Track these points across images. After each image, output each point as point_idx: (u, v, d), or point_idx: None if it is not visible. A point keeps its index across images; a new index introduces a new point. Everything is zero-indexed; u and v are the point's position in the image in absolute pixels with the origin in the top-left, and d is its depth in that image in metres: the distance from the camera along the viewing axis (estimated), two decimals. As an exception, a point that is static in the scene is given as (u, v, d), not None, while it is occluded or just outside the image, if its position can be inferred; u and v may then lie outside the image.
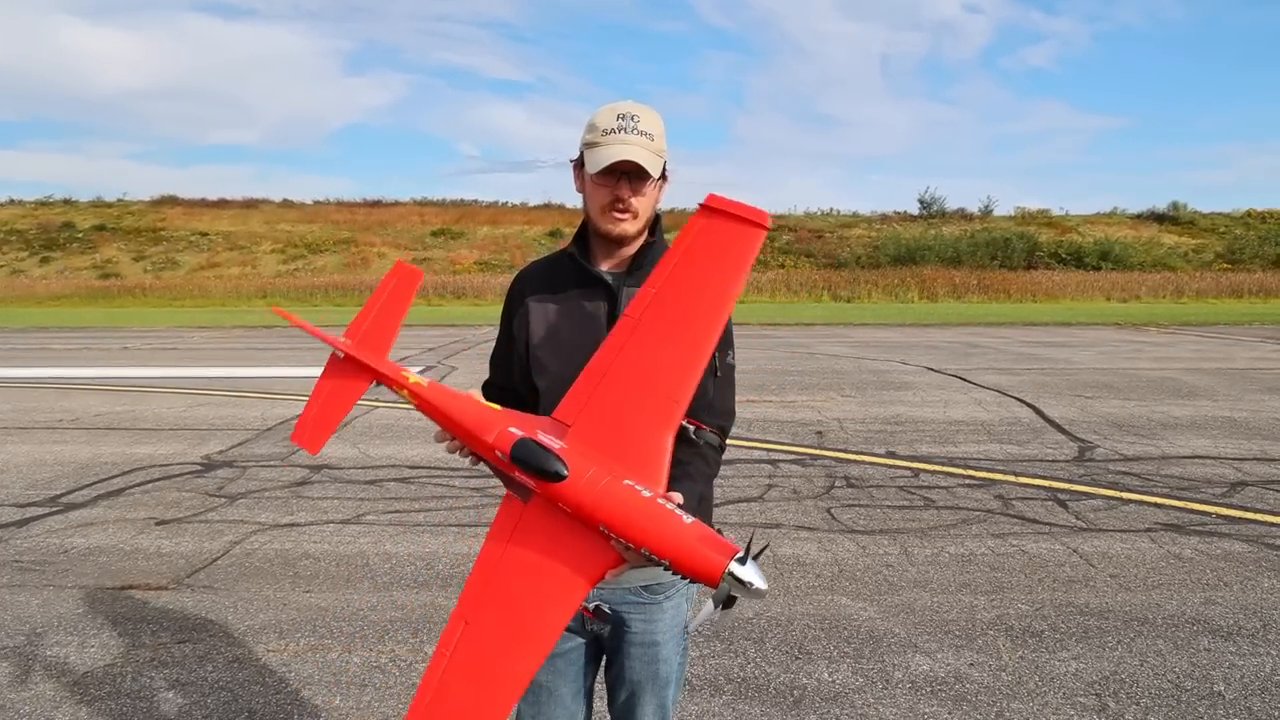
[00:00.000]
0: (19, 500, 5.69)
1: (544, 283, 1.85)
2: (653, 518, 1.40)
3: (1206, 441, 7.22)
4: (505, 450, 1.52)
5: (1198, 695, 3.10)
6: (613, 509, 1.42)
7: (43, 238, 44.13)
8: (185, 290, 35.25)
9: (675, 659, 1.90)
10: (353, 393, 1.91)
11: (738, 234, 1.62)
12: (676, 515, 1.40)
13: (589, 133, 1.72)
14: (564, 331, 1.79)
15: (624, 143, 1.68)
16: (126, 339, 18.70)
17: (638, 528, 1.39)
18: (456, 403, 1.66)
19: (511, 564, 1.52)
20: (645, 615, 1.83)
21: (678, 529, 1.38)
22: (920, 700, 3.07)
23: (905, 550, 4.64)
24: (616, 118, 1.70)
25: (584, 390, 1.60)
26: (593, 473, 1.46)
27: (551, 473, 1.46)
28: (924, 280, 33.35)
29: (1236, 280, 33.04)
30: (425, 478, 6.20)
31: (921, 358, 13.58)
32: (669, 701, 1.93)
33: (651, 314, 1.61)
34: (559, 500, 1.47)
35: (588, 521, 1.45)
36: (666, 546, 1.38)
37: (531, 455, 1.48)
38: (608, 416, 1.55)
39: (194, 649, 3.50)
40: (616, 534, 1.41)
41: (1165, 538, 4.80)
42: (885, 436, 7.54)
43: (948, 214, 46.97)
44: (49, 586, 4.18)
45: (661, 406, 1.54)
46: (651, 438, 1.52)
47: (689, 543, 1.37)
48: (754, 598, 1.36)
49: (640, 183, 1.73)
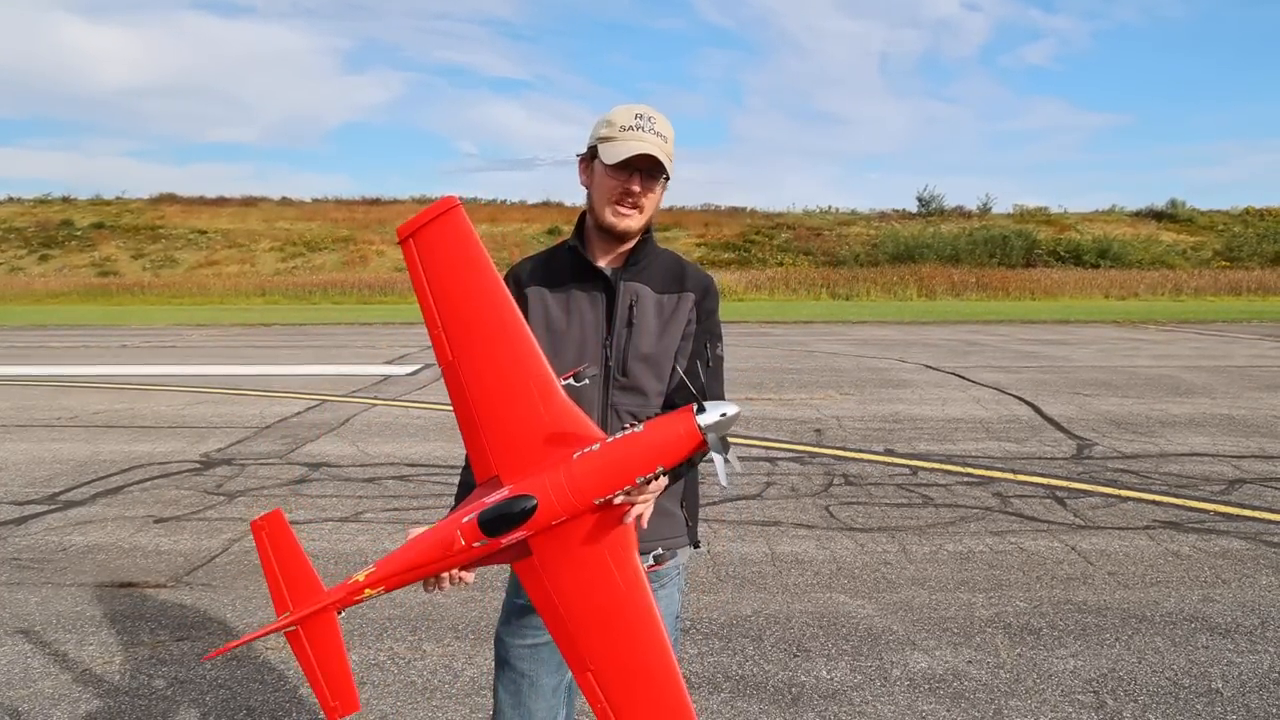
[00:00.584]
0: (17, 498, 5.69)
1: (543, 274, 1.88)
2: (617, 457, 1.49)
3: (1205, 439, 7.23)
4: (477, 534, 1.55)
5: (1196, 692, 3.10)
6: (589, 483, 1.50)
7: (41, 235, 44.05)
8: (184, 288, 35.19)
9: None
10: (331, 638, 1.72)
11: (444, 229, 1.64)
12: (629, 435, 1.51)
13: (605, 128, 1.77)
14: (561, 322, 1.82)
15: (642, 140, 1.73)
16: (125, 337, 18.68)
17: (615, 474, 1.49)
18: (410, 554, 1.62)
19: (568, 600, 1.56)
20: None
21: (639, 442, 1.49)
22: (918, 698, 3.08)
23: (903, 548, 4.64)
24: (635, 116, 1.75)
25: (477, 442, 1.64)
26: (548, 478, 1.53)
27: (524, 511, 1.52)
28: (922, 278, 33.33)
29: (1235, 278, 33.03)
30: (424, 475, 6.20)
31: (920, 355, 13.58)
32: None
33: (452, 340, 1.64)
34: (550, 521, 1.53)
35: (582, 508, 1.51)
36: (645, 460, 1.48)
37: (498, 515, 1.53)
38: (508, 437, 1.60)
39: (193, 646, 3.50)
40: (610, 492, 1.49)
41: (1163, 535, 4.81)
42: (884, 434, 7.54)
43: (946, 212, 46.95)
44: (48, 584, 4.18)
45: (525, 390, 1.59)
46: (549, 411, 1.58)
47: (656, 442, 1.48)
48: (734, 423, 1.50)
49: (652, 180, 1.78)
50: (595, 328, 1.82)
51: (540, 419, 1.59)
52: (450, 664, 3.33)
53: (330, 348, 15.85)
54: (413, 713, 3.00)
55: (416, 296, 1.66)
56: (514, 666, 1.87)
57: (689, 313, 1.86)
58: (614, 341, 1.81)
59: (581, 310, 1.82)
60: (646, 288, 1.84)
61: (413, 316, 23.56)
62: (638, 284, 1.84)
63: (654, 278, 1.86)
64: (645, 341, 1.81)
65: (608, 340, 1.81)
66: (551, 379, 1.60)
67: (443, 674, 3.26)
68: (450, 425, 7.86)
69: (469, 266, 1.64)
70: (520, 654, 1.86)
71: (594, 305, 1.83)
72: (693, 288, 1.87)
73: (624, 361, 1.80)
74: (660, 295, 1.85)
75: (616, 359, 1.80)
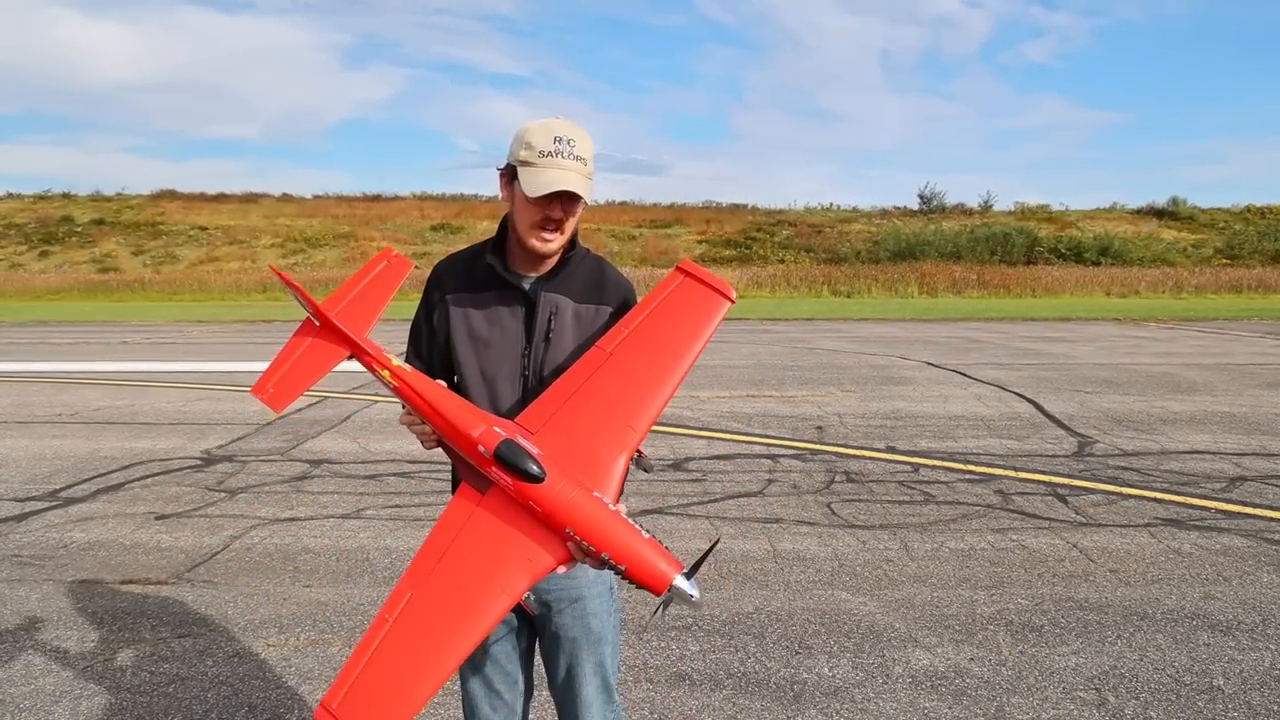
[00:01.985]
0: (18, 495, 5.69)
1: (463, 281, 1.90)
2: (616, 528, 1.57)
3: (1206, 437, 7.23)
4: (490, 447, 1.63)
5: (1197, 690, 3.10)
6: (582, 516, 1.57)
7: (41, 232, 44.01)
8: (184, 284, 35.15)
9: (606, 615, 1.96)
10: (327, 360, 1.90)
11: (708, 298, 1.85)
12: (636, 529, 1.58)
13: (524, 150, 1.74)
14: (482, 333, 1.86)
15: (561, 168, 1.72)
16: (126, 333, 18.68)
17: (602, 535, 1.56)
18: (440, 394, 1.75)
19: (464, 546, 1.62)
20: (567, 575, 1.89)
21: (637, 541, 1.56)
22: (920, 695, 3.08)
23: (905, 545, 4.64)
24: (554, 140, 1.73)
25: (550, 404, 1.74)
26: (565, 481, 1.61)
27: (532, 475, 1.59)
28: (924, 275, 33.27)
29: (1236, 276, 32.96)
30: (425, 472, 6.19)
31: (921, 353, 13.57)
32: (607, 661, 1.98)
33: (623, 350, 1.78)
34: (530, 500, 1.60)
35: (555, 523, 1.59)
36: (625, 555, 1.55)
37: (515, 456, 1.61)
38: (572, 431, 1.70)
39: (194, 644, 3.50)
40: (582, 538, 1.57)
41: (1165, 533, 4.80)
42: (885, 431, 7.54)
43: (947, 209, 46.87)
44: (48, 581, 4.18)
45: (620, 431, 1.71)
46: (609, 456, 1.69)
47: (645, 554, 1.56)
48: (689, 606, 1.59)
49: (573, 205, 1.78)
50: (515, 339, 1.85)
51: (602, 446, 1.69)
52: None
53: (331, 344, 15.84)
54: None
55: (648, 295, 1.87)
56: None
57: (605, 326, 1.88)
58: (532, 353, 1.85)
59: (503, 322, 1.86)
60: (566, 299, 1.86)
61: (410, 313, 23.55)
62: (557, 295, 1.86)
63: (574, 287, 1.88)
64: (560, 354, 1.85)
65: (526, 351, 1.85)
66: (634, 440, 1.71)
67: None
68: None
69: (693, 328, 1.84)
70: None
71: (514, 316, 1.86)
72: (610, 300, 1.90)
73: (540, 373, 1.84)
74: (579, 305, 1.88)
75: (534, 371, 1.85)
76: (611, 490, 1.65)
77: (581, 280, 1.89)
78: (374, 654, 1.53)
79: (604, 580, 1.96)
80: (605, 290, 1.91)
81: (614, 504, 1.62)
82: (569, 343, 1.86)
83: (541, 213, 1.77)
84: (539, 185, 1.72)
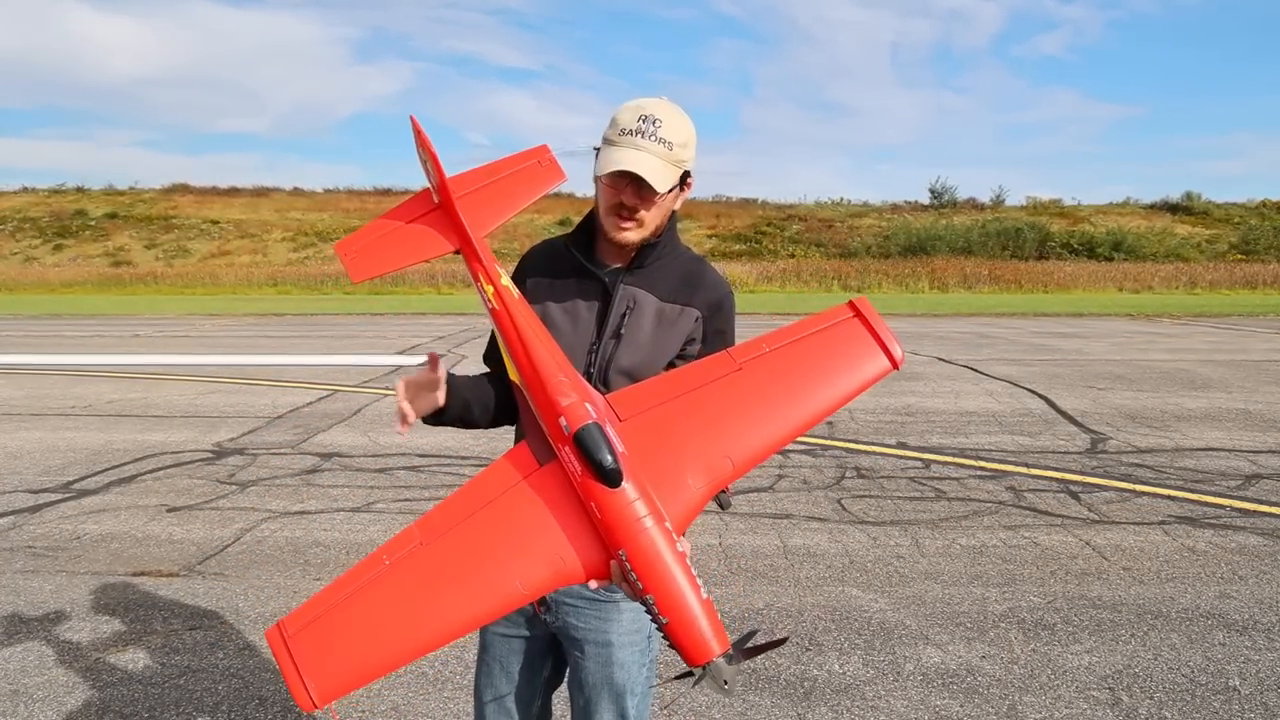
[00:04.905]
0: (32, 486, 5.73)
1: (545, 267, 1.77)
2: (675, 575, 1.33)
3: (1221, 434, 7.16)
4: (573, 425, 1.39)
5: (1212, 690, 3.07)
6: (644, 545, 1.33)
7: (56, 225, 44.33)
8: (196, 278, 35.33)
9: (635, 667, 1.78)
10: (428, 247, 1.64)
11: (868, 351, 1.56)
12: (697, 583, 1.35)
13: (609, 128, 1.61)
14: (556, 322, 1.70)
15: (636, 148, 1.56)
16: (138, 326, 18.79)
17: (657, 577, 1.32)
18: (540, 338, 1.52)
19: (497, 514, 1.40)
20: (599, 613, 1.74)
21: (692, 599, 1.33)
22: (932, 693, 3.06)
23: (916, 542, 4.61)
24: (639, 119, 1.57)
25: (651, 396, 1.51)
26: (640, 497, 1.37)
27: (606, 475, 1.35)
28: (934, 270, 33.12)
29: (1251, 271, 32.67)
30: (435, 466, 6.20)
31: (932, 348, 13.50)
32: (630, 713, 1.79)
33: (754, 369, 1.52)
34: (594, 500, 1.37)
35: (610, 538, 1.36)
36: (674, 608, 1.32)
37: (597, 447, 1.36)
38: (664, 437, 1.45)
39: (205, 636, 3.51)
40: (634, 569, 1.33)
41: (1179, 530, 4.76)
42: (896, 427, 7.50)
43: (958, 204, 46.61)
44: (62, 572, 4.20)
45: (719, 464, 1.45)
46: (695, 484, 1.43)
47: (694, 617, 1.32)
48: (718, 691, 1.33)
49: (646, 193, 1.59)
50: (587, 332, 1.69)
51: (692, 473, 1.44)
52: (461, 655, 3.33)
53: (341, 338, 15.89)
54: (424, 704, 3.00)
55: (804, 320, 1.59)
56: (489, 649, 1.85)
57: (691, 330, 1.70)
58: (600, 350, 1.68)
59: (578, 312, 1.70)
60: (648, 294, 1.69)
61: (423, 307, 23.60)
62: (638, 289, 1.69)
63: (660, 283, 1.70)
64: (630, 355, 1.66)
65: (594, 346, 1.68)
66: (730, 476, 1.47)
67: (454, 665, 3.26)
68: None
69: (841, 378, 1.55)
70: (493, 639, 1.84)
71: (590, 307, 1.70)
72: (700, 303, 1.71)
73: (605, 373, 1.67)
74: (664, 304, 1.69)
75: (599, 370, 1.67)
76: (681, 521, 1.41)
77: (673, 276, 1.71)
78: (355, 593, 1.32)
79: (639, 629, 1.77)
80: (697, 291, 1.71)
81: (680, 540, 1.38)
82: (644, 342, 1.67)
83: (615, 197, 1.61)
84: (603, 164, 1.57)
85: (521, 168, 1.74)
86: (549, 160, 1.77)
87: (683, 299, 1.70)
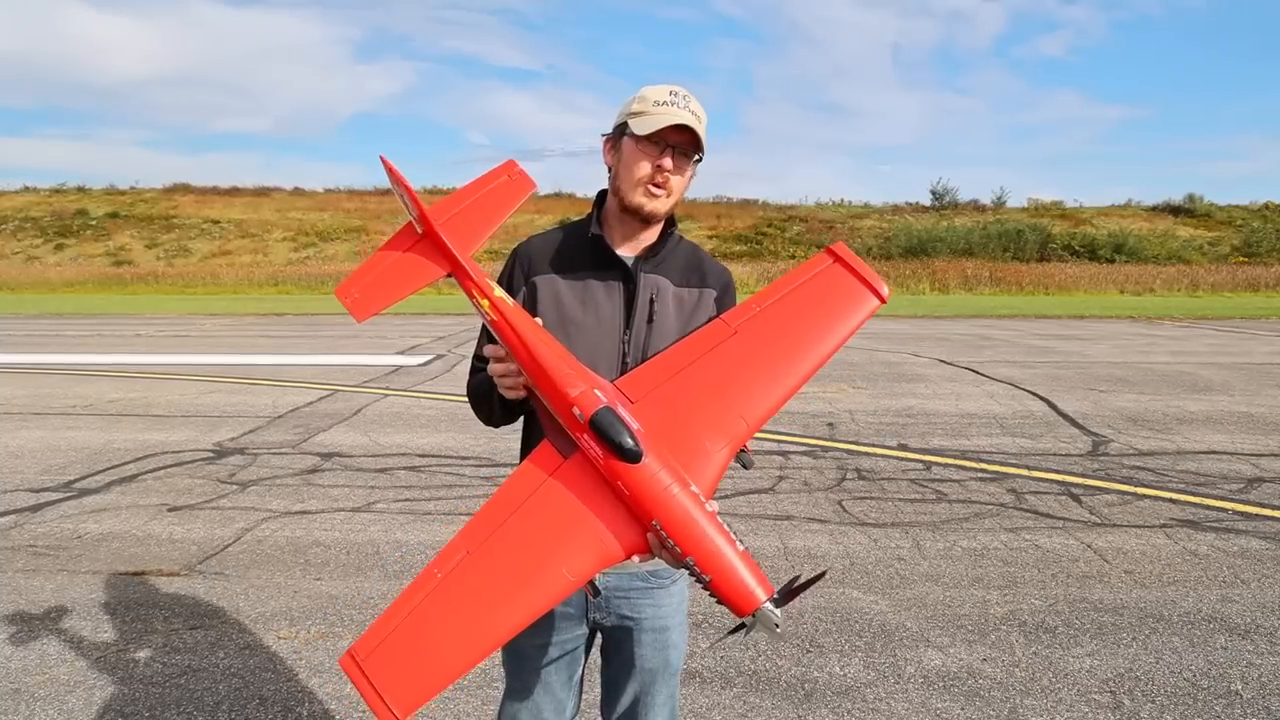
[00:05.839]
0: (33, 485, 5.73)
1: (554, 260, 1.76)
2: (710, 533, 1.40)
3: (1223, 437, 7.15)
4: (586, 412, 1.47)
5: (1214, 694, 3.06)
6: (675, 511, 1.40)
7: (57, 225, 44.34)
8: (197, 277, 35.33)
9: (683, 646, 1.89)
10: (421, 274, 1.72)
11: (855, 292, 1.63)
12: (732, 538, 1.41)
13: (638, 103, 1.68)
14: (575, 315, 1.71)
15: (678, 115, 1.64)
16: (139, 326, 18.80)
17: (694, 538, 1.39)
18: (541, 339, 1.58)
19: (533, 512, 1.46)
20: (654, 600, 1.81)
21: (730, 553, 1.39)
22: (932, 695, 3.05)
23: (917, 544, 4.61)
24: (669, 93, 1.67)
25: (658, 374, 1.57)
26: (663, 467, 1.43)
27: (628, 452, 1.43)
28: (936, 272, 33.09)
29: (1253, 274, 32.61)
30: (435, 466, 6.20)
31: (933, 350, 13.50)
32: (677, 692, 1.92)
33: (750, 330, 1.60)
34: (620, 479, 1.44)
35: (642, 511, 1.42)
36: (715, 565, 1.38)
37: (613, 428, 1.45)
38: (677, 409, 1.52)
39: (205, 635, 3.51)
40: (670, 535, 1.40)
41: (1181, 534, 4.75)
42: (897, 429, 7.49)
43: (960, 205, 46.58)
44: (63, 571, 4.20)
45: (733, 424, 1.51)
46: (714, 446, 1.49)
47: (737, 569, 1.39)
48: (771, 636, 1.42)
49: (684, 160, 1.69)
50: (612, 321, 1.71)
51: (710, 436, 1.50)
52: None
53: (342, 338, 15.89)
54: (424, 704, 3.00)
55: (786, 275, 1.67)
56: (524, 663, 1.85)
57: (710, 310, 1.76)
58: (632, 337, 1.71)
59: (597, 301, 1.72)
60: (667, 281, 1.75)
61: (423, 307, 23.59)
62: (658, 276, 1.75)
63: (674, 269, 1.77)
64: (664, 340, 1.70)
65: (626, 335, 1.71)
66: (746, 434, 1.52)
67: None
68: (461, 416, 7.87)
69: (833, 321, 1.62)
70: (530, 652, 1.84)
71: (610, 297, 1.72)
72: (714, 284, 1.80)
73: (643, 359, 1.69)
74: (680, 289, 1.76)
75: (635, 356, 1.70)
76: (708, 485, 1.47)
77: (681, 262, 1.79)
78: (416, 610, 1.40)
79: (684, 606, 1.87)
80: (708, 274, 1.80)
81: (708, 502, 1.45)
82: (672, 327, 1.73)
83: (653, 163, 1.66)
84: (653, 123, 1.63)
85: (493, 185, 1.81)
86: (518, 173, 1.84)
87: (695, 282, 1.78)
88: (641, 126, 1.65)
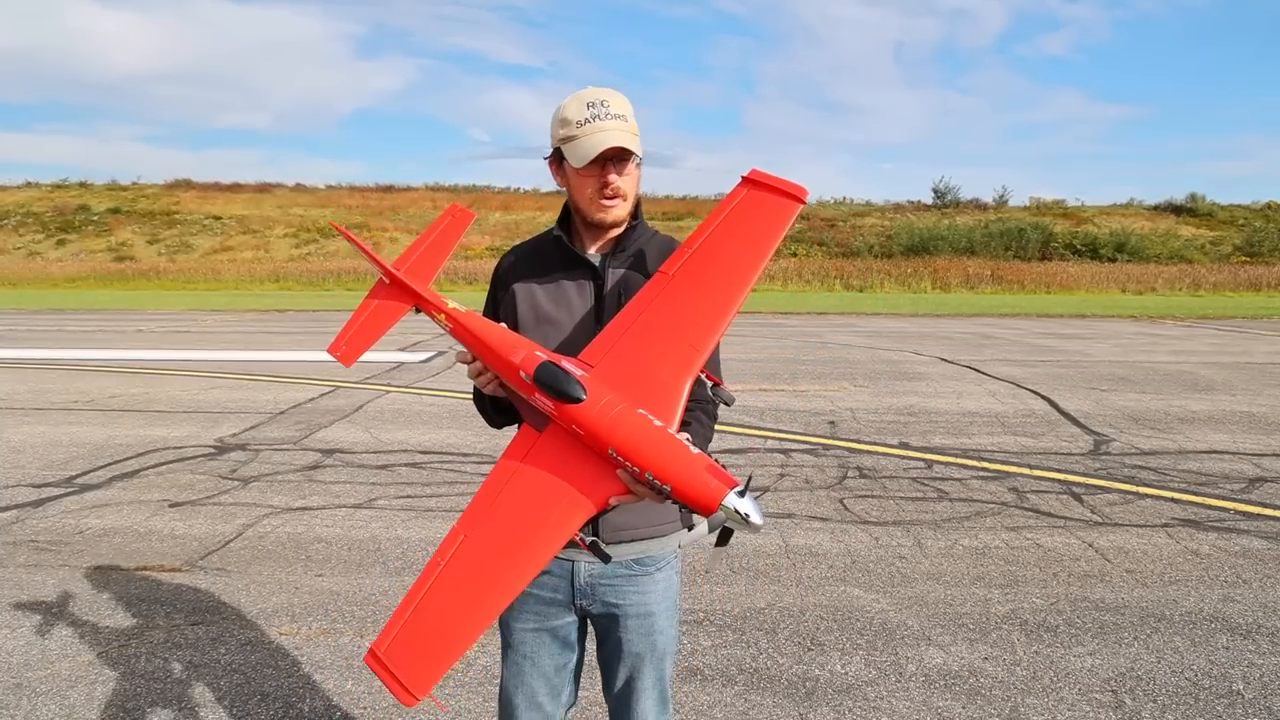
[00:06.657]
0: (35, 480, 5.73)
1: (529, 266, 1.86)
2: (660, 444, 1.46)
3: (1224, 436, 7.14)
4: (530, 371, 1.59)
5: (1216, 694, 3.06)
6: (624, 433, 1.48)
7: (59, 220, 44.33)
8: (199, 273, 35.35)
9: (670, 631, 1.93)
10: (392, 314, 2.01)
11: (775, 205, 1.73)
12: (683, 445, 1.47)
13: (562, 127, 1.73)
14: (549, 313, 1.81)
15: (602, 130, 1.68)
16: (140, 321, 18.81)
17: (645, 453, 1.45)
18: (486, 326, 1.74)
19: (517, 485, 1.59)
20: (638, 587, 1.87)
21: (684, 457, 1.44)
22: (934, 694, 3.05)
23: (918, 542, 4.61)
24: (586, 106, 1.70)
25: (610, 337, 1.68)
26: (609, 399, 1.53)
27: (570, 395, 1.53)
28: (937, 270, 33.05)
29: (1255, 273, 32.56)
30: (436, 463, 6.20)
31: (935, 348, 13.49)
32: (667, 675, 1.95)
33: (684, 271, 1.71)
34: (574, 423, 1.54)
35: (598, 445, 1.51)
36: (670, 472, 1.43)
37: (553, 378, 1.56)
38: (631, 358, 1.63)
39: (207, 631, 3.51)
40: (624, 457, 1.47)
41: (1182, 533, 4.75)
42: (898, 427, 7.49)
43: (962, 204, 46.52)
44: (64, 567, 4.21)
45: (683, 353, 1.62)
46: (670, 378, 1.60)
47: (692, 470, 1.43)
48: (749, 531, 1.43)
49: (624, 164, 1.74)
50: (584, 317, 1.80)
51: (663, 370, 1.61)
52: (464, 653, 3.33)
53: (343, 334, 15.88)
54: (426, 700, 3.00)
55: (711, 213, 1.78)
56: (516, 648, 1.90)
57: None
58: None
59: (570, 300, 1.80)
60: (636, 274, 1.81)
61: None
62: (626, 270, 1.81)
63: (644, 263, 1.82)
64: None
65: (596, 329, 1.77)
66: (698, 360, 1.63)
67: (457, 663, 3.26)
68: (463, 412, 7.88)
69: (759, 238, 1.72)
70: (523, 637, 1.89)
71: (581, 294, 1.80)
72: None
73: None
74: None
75: None
76: (670, 412, 1.56)
77: (653, 255, 1.83)
78: (424, 599, 1.52)
79: (671, 594, 1.92)
80: None
81: (672, 428, 1.52)
82: None
83: (597, 181, 1.73)
84: (584, 153, 1.69)
85: (442, 226, 2.12)
86: (460, 211, 2.15)
87: None
88: (576, 156, 1.71)
